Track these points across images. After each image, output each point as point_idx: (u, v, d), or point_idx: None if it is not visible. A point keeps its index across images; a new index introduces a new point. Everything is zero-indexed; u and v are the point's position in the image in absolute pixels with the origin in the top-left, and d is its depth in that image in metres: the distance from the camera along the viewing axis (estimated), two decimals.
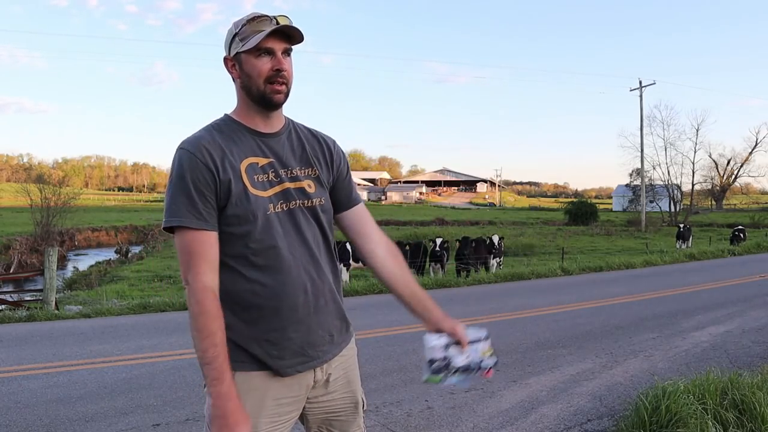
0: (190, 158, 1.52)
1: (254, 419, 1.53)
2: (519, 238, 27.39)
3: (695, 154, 45.56)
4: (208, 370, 1.45)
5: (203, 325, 1.45)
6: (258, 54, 1.54)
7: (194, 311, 1.46)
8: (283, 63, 1.55)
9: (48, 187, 28.16)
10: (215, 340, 1.45)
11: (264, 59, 1.54)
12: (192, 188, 1.50)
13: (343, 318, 1.73)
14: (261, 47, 1.52)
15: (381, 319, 7.55)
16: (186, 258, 1.50)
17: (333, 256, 1.71)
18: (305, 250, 1.61)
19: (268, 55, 1.54)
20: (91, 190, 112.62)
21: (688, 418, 3.22)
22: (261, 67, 1.54)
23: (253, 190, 1.55)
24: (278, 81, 1.55)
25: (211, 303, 1.46)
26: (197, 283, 1.47)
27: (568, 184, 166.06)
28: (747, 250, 19.47)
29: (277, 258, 1.55)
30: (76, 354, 5.70)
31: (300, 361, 1.60)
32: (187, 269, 1.50)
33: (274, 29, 1.51)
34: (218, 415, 1.44)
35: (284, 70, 1.55)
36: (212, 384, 1.44)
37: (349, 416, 1.75)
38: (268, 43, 1.52)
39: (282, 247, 1.56)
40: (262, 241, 1.54)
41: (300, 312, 1.58)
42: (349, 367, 1.77)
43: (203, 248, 1.50)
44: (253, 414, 1.53)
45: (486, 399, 4.30)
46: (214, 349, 1.44)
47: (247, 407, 1.50)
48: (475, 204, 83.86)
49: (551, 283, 11.93)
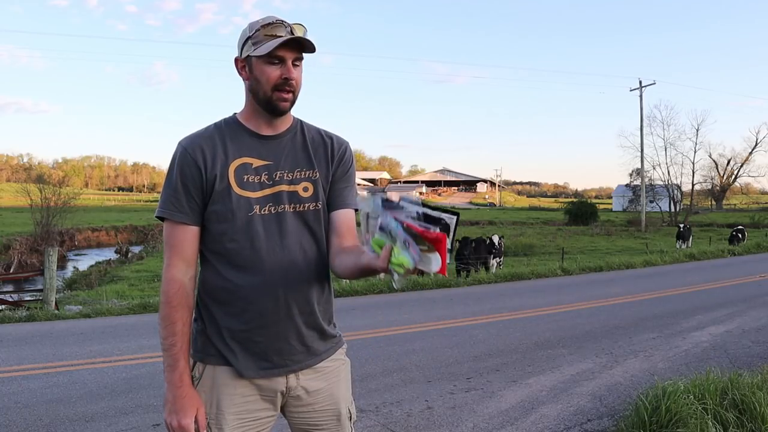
0: (183, 153, 1.57)
1: (222, 413, 1.58)
2: (519, 238, 27.42)
3: (695, 154, 45.62)
4: (165, 356, 1.55)
5: (166, 314, 1.54)
6: (269, 60, 1.53)
7: (161, 300, 1.56)
8: (292, 72, 1.54)
9: (48, 187, 28.16)
10: (175, 329, 1.53)
11: (274, 66, 1.54)
12: (179, 183, 1.56)
13: (322, 330, 1.67)
14: (273, 54, 1.52)
15: (381, 319, 7.55)
16: (165, 249, 1.59)
17: (322, 264, 1.66)
18: (287, 256, 1.58)
19: (279, 63, 1.54)
20: (91, 190, 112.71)
21: (688, 418, 3.22)
22: (270, 74, 1.54)
23: (238, 190, 1.56)
24: (285, 89, 1.55)
25: (175, 294, 1.54)
26: (166, 275, 1.56)
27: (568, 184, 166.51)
28: (747, 250, 19.49)
29: (253, 260, 1.55)
30: (76, 354, 5.70)
31: (263, 366, 1.59)
32: (164, 260, 1.59)
33: (288, 39, 1.50)
34: (168, 399, 1.54)
35: (292, 79, 1.54)
36: (166, 370, 1.55)
37: (332, 428, 1.70)
38: (280, 51, 1.52)
39: (259, 249, 1.55)
40: (239, 242, 1.55)
41: (268, 317, 1.57)
42: (334, 379, 1.71)
43: (179, 242, 1.57)
44: (221, 407, 1.59)
45: (486, 399, 4.30)
46: (173, 337, 1.53)
47: (214, 400, 1.59)
48: (475, 204, 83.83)
49: (551, 283, 11.94)
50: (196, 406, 1.55)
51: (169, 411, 1.54)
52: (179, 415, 1.52)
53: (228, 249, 1.56)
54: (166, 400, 1.55)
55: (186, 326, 1.56)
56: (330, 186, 1.68)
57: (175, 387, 1.53)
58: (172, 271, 1.55)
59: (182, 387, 1.54)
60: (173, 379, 1.54)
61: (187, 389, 1.55)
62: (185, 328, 1.55)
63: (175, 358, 1.54)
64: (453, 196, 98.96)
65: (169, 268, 1.56)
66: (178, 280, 1.55)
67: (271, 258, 1.56)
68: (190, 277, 1.58)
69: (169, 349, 1.54)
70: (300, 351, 1.63)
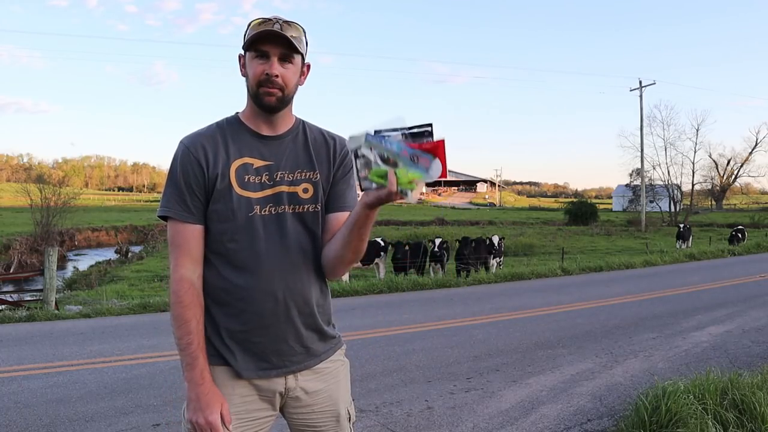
0: (185, 152, 1.57)
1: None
2: (519, 238, 27.37)
3: (695, 154, 45.53)
4: (182, 356, 1.54)
5: (178, 314, 1.53)
6: (255, 55, 1.54)
7: (171, 300, 1.55)
8: (275, 68, 1.53)
9: (48, 187, 28.13)
10: (189, 327, 1.52)
11: (259, 61, 1.54)
12: (182, 181, 1.55)
13: (321, 330, 1.67)
14: (258, 49, 1.53)
15: (381, 319, 7.55)
16: (171, 249, 1.58)
17: (320, 265, 1.65)
18: (286, 257, 1.58)
19: (263, 58, 1.54)
20: (91, 190, 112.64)
21: (688, 418, 3.22)
22: (255, 68, 1.54)
23: (239, 190, 1.56)
24: (268, 85, 1.54)
25: (185, 293, 1.53)
26: (175, 275, 1.55)
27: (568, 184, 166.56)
28: (747, 250, 19.47)
29: (252, 260, 1.55)
30: (76, 354, 5.70)
31: (262, 367, 1.59)
32: (171, 260, 1.58)
33: (263, 32, 1.50)
34: (191, 398, 1.52)
35: (274, 75, 1.53)
36: (186, 369, 1.53)
37: (331, 430, 1.70)
38: (265, 46, 1.52)
39: (259, 250, 1.56)
40: (239, 242, 1.56)
41: (267, 318, 1.57)
42: (333, 380, 1.71)
43: (185, 240, 1.55)
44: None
45: (486, 399, 4.30)
46: (189, 336, 1.52)
47: None
48: (475, 204, 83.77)
49: (551, 283, 11.93)
50: (220, 402, 1.53)
51: (193, 410, 1.52)
52: (205, 412, 1.50)
53: (228, 249, 1.56)
54: (189, 399, 1.53)
55: (200, 324, 1.55)
56: (330, 187, 1.68)
57: (197, 385, 1.52)
58: (181, 271, 1.54)
59: (204, 384, 1.52)
60: (194, 377, 1.52)
61: (209, 386, 1.53)
62: (200, 326, 1.54)
63: (193, 356, 1.52)
64: (453, 196, 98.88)
65: (177, 267, 1.54)
66: (188, 279, 1.54)
67: (270, 259, 1.56)
68: (198, 275, 1.57)
69: (186, 348, 1.52)
70: (299, 352, 1.63)
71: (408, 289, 10.72)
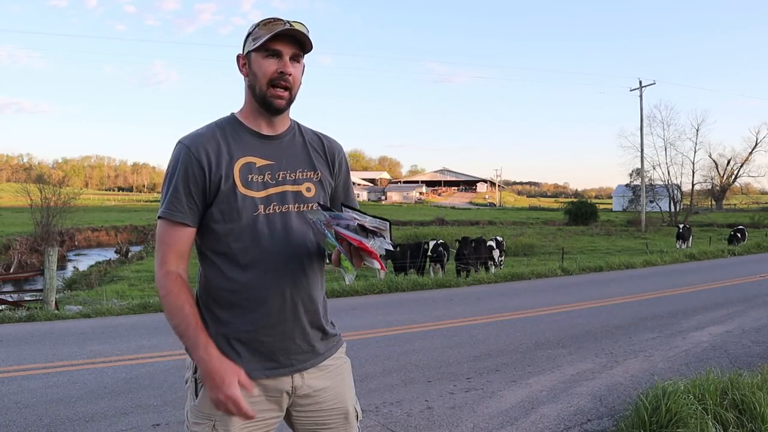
0: (186, 154, 1.55)
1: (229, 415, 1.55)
2: (519, 238, 27.39)
3: (695, 154, 45.55)
4: (184, 341, 1.51)
5: (171, 304, 1.51)
6: (266, 54, 1.55)
7: (161, 294, 1.54)
8: (288, 66, 1.55)
9: (48, 187, 28.19)
10: (184, 312, 1.50)
11: (271, 60, 1.55)
12: (181, 183, 1.54)
13: (324, 329, 1.69)
14: (270, 48, 1.54)
15: (381, 319, 7.55)
16: (159, 246, 1.57)
17: (322, 263, 1.68)
18: (291, 255, 1.59)
19: (276, 57, 1.55)
20: (91, 190, 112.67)
21: (688, 418, 3.22)
22: (267, 67, 1.55)
23: (243, 190, 1.56)
24: (281, 84, 1.55)
25: (173, 282, 1.52)
26: (161, 270, 1.54)
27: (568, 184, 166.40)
28: (747, 250, 19.48)
29: (259, 259, 1.56)
30: (76, 354, 5.70)
31: (269, 366, 1.59)
32: (157, 257, 1.56)
33: (283, 31, 1.52)
34: (205, 377, 1.47)
35: (288, 74, 1.55)
36: (191, 352, 1.51)
37: (339, 428, 1.71)
38: (278, 45, 1.53)
39: (265, 248, 1.56)
40: (245, 241, 1.55)
41: (275, 317, 1.57)
42: (338, 377, 1.72)
43: (175, 240, 1.55)
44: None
45: (486, 399, 4.30)
46: (185, 320, 1.50)
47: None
48: (475, 204, 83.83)
49: (551, 283, 11.94)
50: (235, 372, 1.46)
51: (210, 388, 1.46)
52: (223, 387, 1.43)
53: (233, 249, 1.56)
54: (204, 379, 1.48)
55: (193, 307, 1.52)
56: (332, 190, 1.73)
57: (206, 362, 1.46)
58: (167, 267, 1.54)
59: (212, 360, 1.46)
60: (200, 356, 1.47)
61: (217, 361, 1.46)
62: (193, 309, 1.52)
63: (193, 336, 1.48)
64: (453, 196, 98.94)
65: (163, 264, 1.54)
66: (173, 272, 1.54)
67: (276, 257, 1.57)
68: (183, 269, 1.57)
69: (185, 331, 1.49)
70: (305, 350, 1.64)
71: (408, 289, 10.72)
